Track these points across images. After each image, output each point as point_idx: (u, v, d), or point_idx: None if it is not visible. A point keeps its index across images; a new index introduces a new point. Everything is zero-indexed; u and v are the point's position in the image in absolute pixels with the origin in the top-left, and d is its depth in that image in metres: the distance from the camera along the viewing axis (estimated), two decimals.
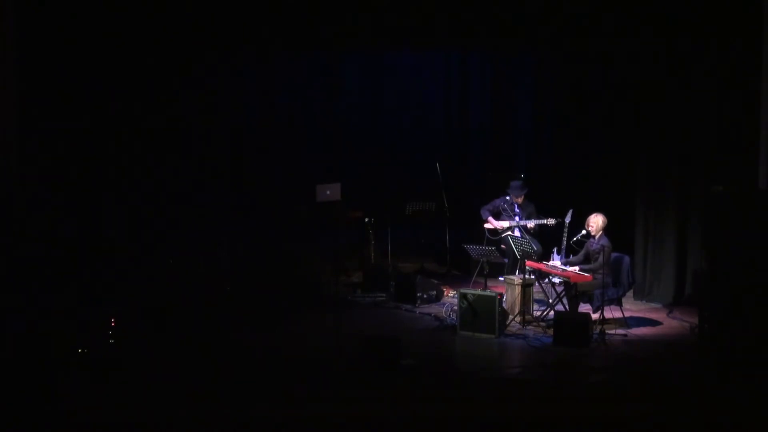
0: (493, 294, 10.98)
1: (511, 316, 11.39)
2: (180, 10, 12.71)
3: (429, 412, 8.47)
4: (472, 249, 11.98)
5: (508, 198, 13.20)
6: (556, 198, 14.12)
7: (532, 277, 11.83)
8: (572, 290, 11.27)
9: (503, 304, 11.20)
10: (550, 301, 11.66)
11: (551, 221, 12.74)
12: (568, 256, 11.60)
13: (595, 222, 11.39)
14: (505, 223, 13.19)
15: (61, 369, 9.22)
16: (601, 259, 11.19)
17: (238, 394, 8.79)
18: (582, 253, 11.59)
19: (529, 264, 11.73)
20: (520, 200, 13.22)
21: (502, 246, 13.01)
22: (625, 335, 10.93)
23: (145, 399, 8.62)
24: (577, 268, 11.27)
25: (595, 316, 11.10)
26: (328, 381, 9.17)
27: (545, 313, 11.55)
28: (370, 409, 8.48)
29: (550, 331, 10.83)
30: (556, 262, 11.39)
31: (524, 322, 11.35)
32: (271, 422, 8.21)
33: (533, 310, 11.73)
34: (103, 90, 12.34)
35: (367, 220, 14.03)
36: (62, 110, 11.94)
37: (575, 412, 8.50)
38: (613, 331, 10.95)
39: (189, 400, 8.61)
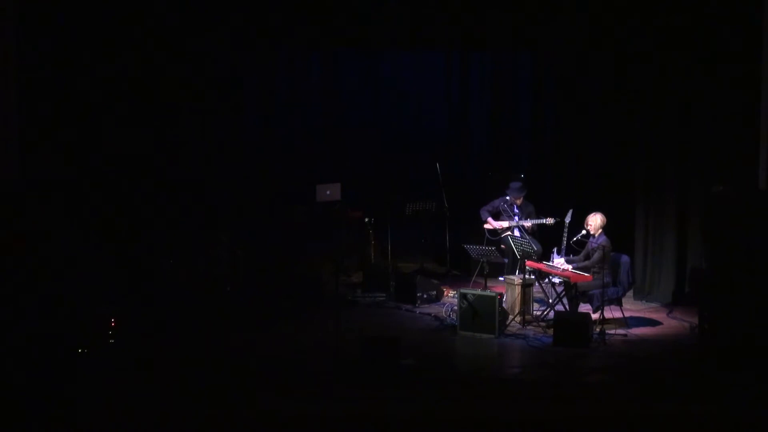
0: (493, 294, 10.98)
1: (511, 316, 11.39)
2: (180, 11, 12.72)
3: (429, 412, 8.47)
4: (472, 249, 11.98)
5: (507, 198, 13.19)
6: (556, 198, 14.12)
7: (532, 277, 11.83)
8: (572, 290, 11.27)
9: (503, 304, 11.21)
10: (550, 301, 11.67)
11: (550, 220, 12.73)
12: (568, 255, 11.60)
13: (594, 221, 11.41)
14: (505, 224, 13.18)
15: (61, 369, 9.23)
16: (596, 256, 11.21)
17: (237, 394, 8.79)
18: (583, 253, 11.60)
19: (529, 264, 11.74)
20: (519, 201, 13.22)
21: (502, 246, 13.01)
22: (625, 335, 10.93)
23: (144, 399, 8.62)
24: (571, 266, 11.25)
25: (595, 316, 11.11)
26: (328, 381, 9.18)
27: (545, 313, 11.55)
28: (370, 409, 8.48)
29: (550, 331, 10.84)
30: (560, 260, 11.37)
31: (524, 322, 11.36)
32: (270, 422, 8.21)
33: (533, 310, 11.73)
34: (103, 90, 12.35)
35: (367, 220, 14.03)
36: (62, 110, 11.95)
37: (575, 412, 8.50)
38: (613, 331, 10.96)
39: (189, 400, 8.62)
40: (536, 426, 8.18)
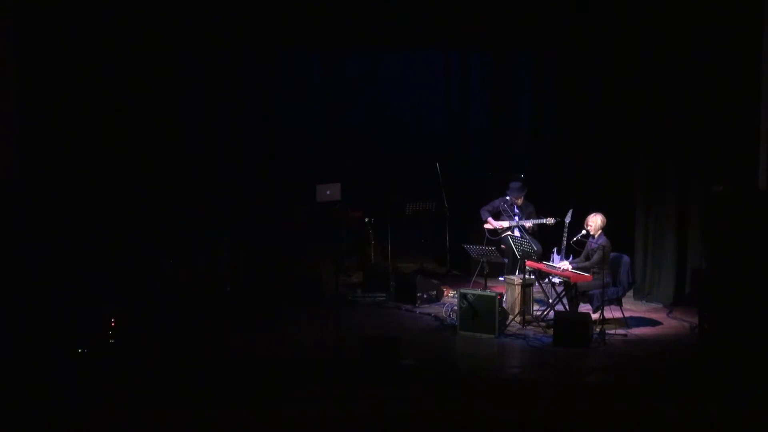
0: (493, 294, 10.98)
1: (511, 316, 11.39)
2: (180, 10, 12.73)
3: (429, 412, 8.46)
4: (472, 249, 11.98)
5: (507, 198, 13.19)
6: (556, 198, 14.11)
7: (532, 277, 11.83)
8: (572, 290, 11.27)
9: (503, 304, 11.21)
10: (550, 301, 11.66)
11: (550, 220, 12.74)
12: (568, 256, 11.60)
13: (594, 221, 11.41)
14: (505, 224, 13.18)
15: (60, 369, 9.23)
16: (596, 257, 11.21)
17: (237, 394, 8.79)
18: (583, 254, 11.60)
19: (529, 264, 11.73)
20: (519, 201, 13.22)
21: (502, 246, 13.01)
22: (625, 335, 10.93)
23: (144, 399, 8.62)
24: (571, 266, 11.24)
25: (595, 316, 11.10)
26: (327, 380, 9.17)
27: (545, 313, 11.55)
28: (370, 409, 8.48)
29: (550, 331, 10.84)
30: (564, 263, 11.35)
31: (524, 322, 11.36)
32: (270, 422, 8.21)
33: (533, 310, 11.73)
34: (103, 90, 12.35)
35: (367, 220, 14.03)
36: (62, 110, 11.96)
37: (575, 412, 8.50)
38: (613, 331, 10.96)
39: (188, 400, 8.62)
40: (536, 426, 8.17)
